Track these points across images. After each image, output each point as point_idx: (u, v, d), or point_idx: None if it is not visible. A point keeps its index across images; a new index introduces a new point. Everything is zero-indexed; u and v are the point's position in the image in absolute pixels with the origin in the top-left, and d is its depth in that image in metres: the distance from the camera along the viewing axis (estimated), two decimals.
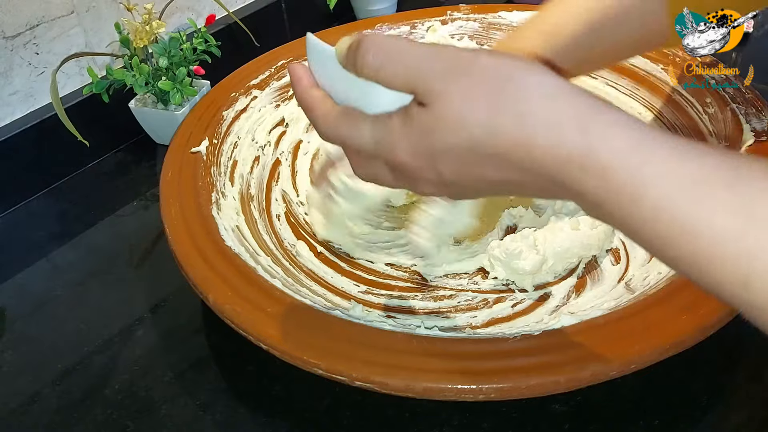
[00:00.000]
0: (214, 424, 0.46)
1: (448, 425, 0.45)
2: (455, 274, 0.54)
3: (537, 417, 0.45)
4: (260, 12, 0.87)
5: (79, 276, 0.60)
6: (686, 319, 0.40)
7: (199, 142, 0.60)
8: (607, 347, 0.39)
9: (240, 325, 0.43)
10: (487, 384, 0.38)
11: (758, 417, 0.44)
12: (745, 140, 0.54)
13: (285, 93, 0.70)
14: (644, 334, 0.39)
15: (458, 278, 0.54)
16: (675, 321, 0.40)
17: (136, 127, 0.74)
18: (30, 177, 0.68)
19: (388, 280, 0.54)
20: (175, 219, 0.51)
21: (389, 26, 0.76)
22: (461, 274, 0.54)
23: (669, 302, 0.42)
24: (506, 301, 0.51)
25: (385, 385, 0.39)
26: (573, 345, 0.40)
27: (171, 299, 0.56)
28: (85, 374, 0.50)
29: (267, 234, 0.57)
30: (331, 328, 0.42)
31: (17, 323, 0.56)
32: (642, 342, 0.39)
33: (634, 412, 0.44)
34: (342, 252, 0.56)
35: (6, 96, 0.66)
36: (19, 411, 0.48)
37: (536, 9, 0.75)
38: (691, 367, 0.46)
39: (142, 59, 0.69)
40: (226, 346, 0.51)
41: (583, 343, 0.40)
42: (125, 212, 0.67)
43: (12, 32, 0.64)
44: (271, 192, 0.63)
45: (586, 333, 0.41)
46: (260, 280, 0.46)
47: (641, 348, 0.39)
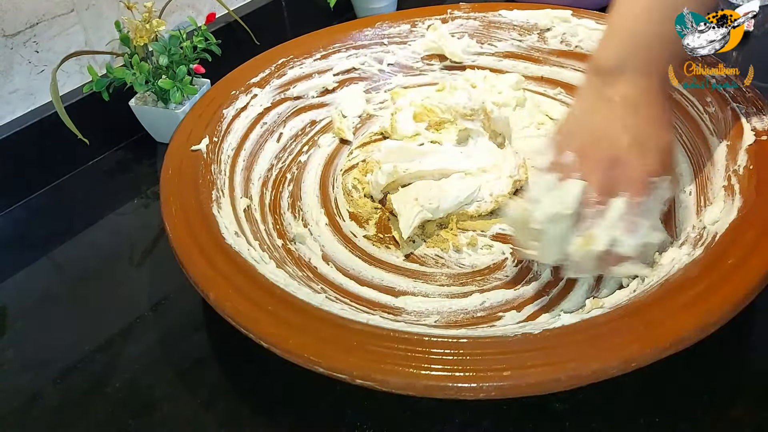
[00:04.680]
0: (215, 422, 0.46)
1: (448, 423, 0.45)
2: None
3: (537, 415, 0.45)
4: (260, 10, 0.87)
5: (79, 274, 0.60)
6: (687, 317, 0.40)
7: (199, 140, 0.60)
8: (608, 345, 0.39)
9: (241, 323, 0.43)
10: (487, 382, 0.38)
11: (759, 416, 0.44)
12: (745, 139, 0.54)
13: (285, 91, 0.71)
14: (645, 332, 0.40)
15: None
16: (675, 319, 0.40)
17: (136, 126, 0.74)
18: (30, 175, 0.68)
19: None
20: (175, 217, 0.51)
21: (389, 24, 0.76)
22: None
23: (669, 300, 0.42)
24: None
25: (385, 384, 0.39)
26: (573, 343, 0.40)
27: (172, 297, 0.56)
28: (86, 372, 0.50)
29: (267, 234, 0.58)
30: (332, 327, 0.42)
31: (18, 321, 0.56)
32: (642, 340, 0.39)
33: (634, 411, 0.45)
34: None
35: (6, 94, 0.66)
36: (20, 409, 0.48)
37: (536, 8, 0.75)
38: (692, 365, 0.46)
39: (143, 57, 0.69)
40: (227, 344, 0.51)
41: (584, 341, 0.40)
42: (126, 210, 0.67)
43: (12, 30, 0.64)
44: (279, 192, 0.63)
45: (587, 331, 0.41)
46: (261, 278, 0.46)
47: (642, 346, 0.39)
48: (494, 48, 0.76)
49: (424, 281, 0.54)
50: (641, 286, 0.48)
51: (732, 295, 0.41)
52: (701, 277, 0.43)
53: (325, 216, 0.61)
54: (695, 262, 0.46)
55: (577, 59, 0.72)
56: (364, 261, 0.56)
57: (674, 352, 0.39)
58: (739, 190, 0.51)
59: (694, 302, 0.41)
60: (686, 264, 0.46)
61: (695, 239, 0.50)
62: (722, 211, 0.50)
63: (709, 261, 0.45)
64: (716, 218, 0.50)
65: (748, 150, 0.53)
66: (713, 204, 0.52)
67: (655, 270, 0.48)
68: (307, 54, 0.73)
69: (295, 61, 0.72)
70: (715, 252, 0.45)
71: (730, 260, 0.44)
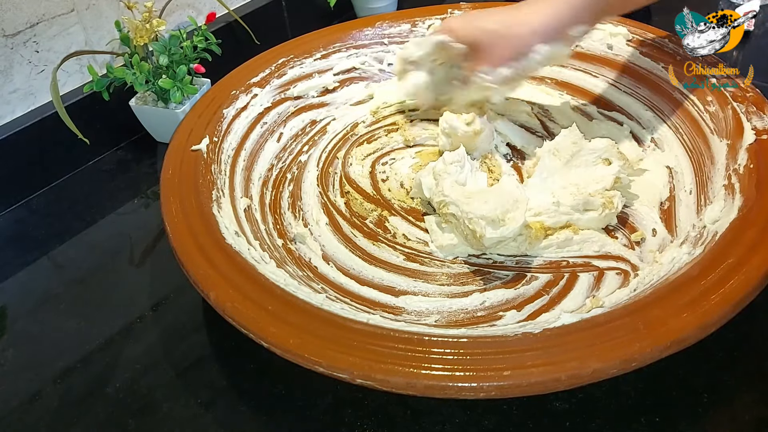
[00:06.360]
0: (215, 422, 0.46)
1: (449, 423, 0.45)
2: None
3: (538, 415, 0.45)
4: (260, 10, 0.87)
5: (79, 274, 0.60)
6: (687, 317, 0.40)
7: (199, 140, 0.60)
8: (608, 345, 0.39)
9: (241, 322, 0.43)
10: (488, 382, 0.38)
11: (759, 415, 0.44)
12: (746, 138, 0.54)
13: (285, 91, 0.71)
14: (645, 332, 0.40)
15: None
16: (676, 319, 0.40)
17: (136, 125, 0.74)
18: (30, 175, 0.68)
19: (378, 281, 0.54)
20: (175, 217, 0.51)
21: (390, 24, 0.76)
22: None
23: (669, 300, 0.42)
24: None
25: (386, 383, 0.39)
26: (573, 343, 0.40)
27: (172, 297, 0.56)
28: (86, 372, 0.50)
29: (267, 233, 0.58)
30: (333, 326, 0.42)
31: (18, 321, 0.56)
32: (643, 340, 0.39)
33: (635, 410, 0.45)
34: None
35: (6, 94, 0.66)
36: (20, 409, 0.48)
37: None
38: (692, 364, 0.46)
39: (143, 57, 0.69)
40: (227, 344, 0.51)
41: (584, 341, 0.40)
42: (126, 210, 0.67)
43: (12, 30, 0.64)
44: (280, 192, 0.63)
45: (587, 331, 0.41)
46: (261, 278, 0.46)
47: (642, 346, 0.39)
48: None
49: (424, 281, 0.54)
50: (641, 286, 0.48)
51: (732, 295, 0.41)
52: (701, 277, 0.43)
53: (326, 215, 0.61)
54: (695, 261, 0.46)
55: (578, 59, 0.72)
56: (364, 260, 0.56)
57: (674, 352, 0.39)
58: (739, 189, 0.51)
59: (694, 302, 0.41)
60: (686, 263, 0.46)
61: (695, 238, 0.50)
62: (723, 210, 0.50)
63: (709, 260, 0.45)
64: (716, 217, 0.50)
65: (748, 149, 0.53)
66: (713, 203, 0.52)
67: (654, 267, 0.48)
68: (307, 54, 0.73)
69: (296, 61, 0.72)
70: (716, 251, 0.45)
71: (730, 260, 0.44)
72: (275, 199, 0.63)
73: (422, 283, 0.54)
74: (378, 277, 0.54)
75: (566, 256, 0.55)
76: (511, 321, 0.49)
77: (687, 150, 0.61)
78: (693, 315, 0.40)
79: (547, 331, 0.41)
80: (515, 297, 0.52)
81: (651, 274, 0.49)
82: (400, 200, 0.63)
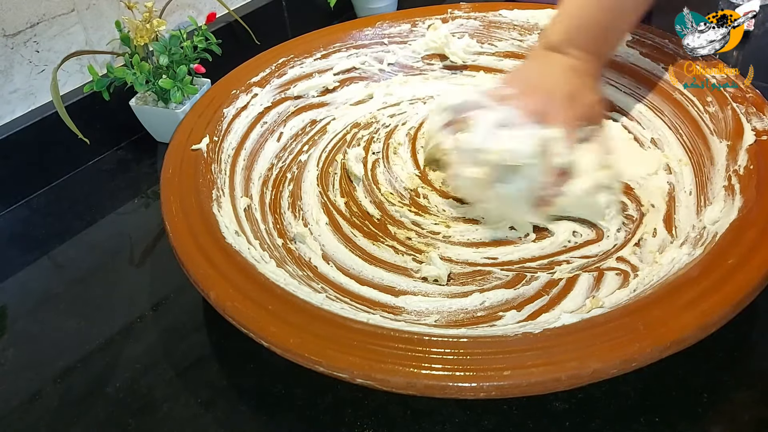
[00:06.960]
0: (215, 422, 0.46)
1: (449, 423, 0.45)
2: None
3: (538, 415, 0.45)
4: (260, 10, 0.87)
5: (79, 274, 0.60)
6: (687, 317, 0.40)
7: (199, 139, 0.60)
8: (608, 345, 0.39)
9: (241, 322, 0.43)
10: (488, 382, 0.38)
11: (759, 415, 0.44)
12: (746, 139, 0.54)
13: (285, 90, 0.71)
14: (645, 332, 0.40)
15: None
16: (676, 319, 0.40)
17: (136, 125, 0.74)
18: (30, 175, 0.68)
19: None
20: (175, 216, 0.51)
21: (390, 24, 0.76)
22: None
23: (669, 300, 0.42)
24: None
25: (386, 383, 0.39)
26: (573, 343, 0.40)
27: (172, 297, 0.56)
28: (87, 372, 0.50)
29: (267, 233, 0.58)
30: (333, 326, 0.42)
31: (18, 321, 0.56)
32: (643, 340, 0.39)
33: (634, 410, 0.45)
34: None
35: (6, 94, 0.66)
36: (20, 409, 0.48)
37: (536, 7, 0.75)
38: (692, 364, 0.46)
39: (143, 57, 0.69)
40: (228, 344, 0.51)
41: (584, 341, 0.40)
42: (126, 210, 0.67)
43: (12, 30, 0.64)
44: (280, 191, 0.63)
45: (587, 331, 0.41)
46: (261, 278, 0.46)
47: (642, 346, 0.39)
48: (495, 48, 0.76)
49: (424, 280, 0.54)
50: (641, 286, 0.48)
51: (732, 295, 0.41)
52: (701, 277, 0.43)
53: (325, 215, 0.61)
54: (695, 261, 0.46)
55: None
56: (364, 260, 0.56)
57: (674, 352, 0.39)
58: (739, 189, 0.51)
59: (694, 302, 0.41)
60: (686, 264, 0.46)
61: (695, 239, 0.50)
62: (722, 211, 0.50)
63: (709, 261, 0.45)
64: (716, 218, 0.50)
65: (748, 150, 0.53)
66: (713, 204, 0.52)
67: (653, 267, 0.48)
68: (307, 53, 0.73)
69: (296, 61, 0.72)
70: (716, 252, 0.45)
71: (730, 260, 0.44)
72: (275, 199, 0.63)
73: (422, 283, 0.54)
74: (378, 276, 0.54)
75: (566, 256, 0.55)
76: (511, 321, 0.49)
77: (687, 150, 0.61)
78: (693, 315, 0.40)
79: (547, 332, 0.41)
80: (515, 297, 0.52)
81: (651, 274, 0.49)
82: (400, 201, 0.63)
